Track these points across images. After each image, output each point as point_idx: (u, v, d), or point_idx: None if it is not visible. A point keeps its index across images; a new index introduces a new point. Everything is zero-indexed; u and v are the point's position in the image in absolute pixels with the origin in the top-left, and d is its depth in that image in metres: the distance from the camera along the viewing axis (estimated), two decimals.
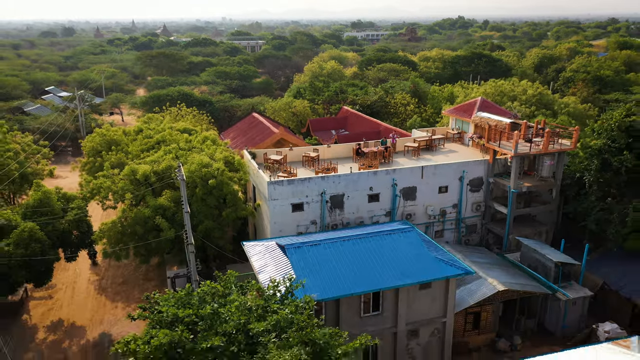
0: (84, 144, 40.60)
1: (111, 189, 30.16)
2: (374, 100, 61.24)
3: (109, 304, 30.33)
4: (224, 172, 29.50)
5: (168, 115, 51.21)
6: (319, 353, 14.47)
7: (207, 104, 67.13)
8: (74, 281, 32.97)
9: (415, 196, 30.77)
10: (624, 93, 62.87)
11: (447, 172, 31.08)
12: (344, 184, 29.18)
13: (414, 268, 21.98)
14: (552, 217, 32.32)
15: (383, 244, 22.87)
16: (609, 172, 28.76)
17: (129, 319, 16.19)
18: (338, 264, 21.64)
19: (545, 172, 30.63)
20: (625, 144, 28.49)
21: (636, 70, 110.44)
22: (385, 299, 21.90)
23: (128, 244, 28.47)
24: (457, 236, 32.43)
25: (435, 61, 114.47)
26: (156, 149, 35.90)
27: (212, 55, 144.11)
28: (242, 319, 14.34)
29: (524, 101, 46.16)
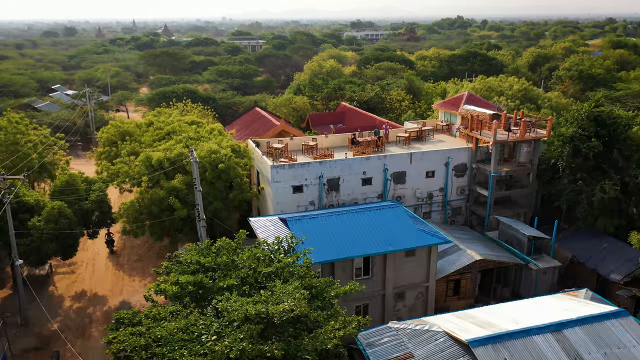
0: (100, 135, 43.87)
1: (128, 173, 33.39)
2: (371, 96, 64.44)
3: (127, 277, 33.55)
4: (231, 157, 32.72)
5: (176, 110, 54.30)
6: (316, 295, 17.68)
7: (211, 101, 70.31)
8: (94, 259, 36.20)
9: (404, 180, 33.99)
10: (608, 90, 65.97)
11: (434, 158, 34.30)
12: (340, 168, 32.40)
13: (400, 238, 25.18)
14: (530, 199, 35.52)
15: (373, 218, 26.10)
16: (579, 157, 31.95)
17: (155, 272, 19.39)
18: (333, 234, 24.84)
19: (523, 158, 33.84)
20: (593, 132, 31.70)
21: (628, 69, 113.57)
22: (374, 264, 25.11)
23: (144, 222, 31.71)
24: (444, 217, 35.63)
25: (432, 60, 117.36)
26: (167, 139, 39.09)
27: (213, 55, 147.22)
28: (253, 265, 17.56)
29: (510, 96, 49.44)
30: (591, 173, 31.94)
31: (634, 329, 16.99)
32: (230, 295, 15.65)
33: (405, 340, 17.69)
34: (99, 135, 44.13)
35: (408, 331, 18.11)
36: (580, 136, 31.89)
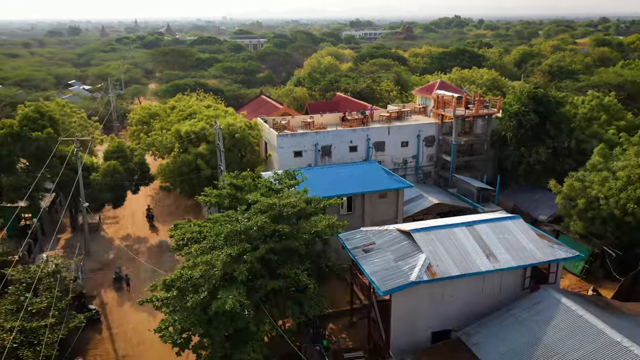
0: (131, 116, 52.77)
1: (162, 142, 42.19)
2: (363, 87, 73.18)
3: (161, 226, 42.28)
4: (245, 130, 41.49)
5: (193, 97, 63.08)
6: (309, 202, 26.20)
7: (219, 92, 79.10)
8: (132, 215, 44.96)
9: (384, 148, 42.74)
10: (573, 81, 74.66)
11: (408, 131, 43.06)
12: (332, 138, 41.15)
13: (374, 184, 33.92)
14: (487, 164, 44.21)
15: (354, 169, 34.89)
16: (522, 129, 40.71)
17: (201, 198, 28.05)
18: (325, 180, 33.52)
19: (479, 130, 42.61)
20: (532, 109, 40.45)
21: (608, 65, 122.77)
22: (356, 203, 33.81)
23: (177, 180, 40.48)
24: (416, 180, 44.33)
25: (423, 57, 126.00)
26: (189, 119, 47.85)
27: (217, 52, 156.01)
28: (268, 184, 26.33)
29: (479, 84, 58.19)
30: (531, 141, 40.70)
31: (521, 225, 25.61)
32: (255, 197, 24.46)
33: (371, 236, 26.28)
34: (130, 116, 52.94)
35: (373, 231, 26.73)
36: (522, 112, 40.65)
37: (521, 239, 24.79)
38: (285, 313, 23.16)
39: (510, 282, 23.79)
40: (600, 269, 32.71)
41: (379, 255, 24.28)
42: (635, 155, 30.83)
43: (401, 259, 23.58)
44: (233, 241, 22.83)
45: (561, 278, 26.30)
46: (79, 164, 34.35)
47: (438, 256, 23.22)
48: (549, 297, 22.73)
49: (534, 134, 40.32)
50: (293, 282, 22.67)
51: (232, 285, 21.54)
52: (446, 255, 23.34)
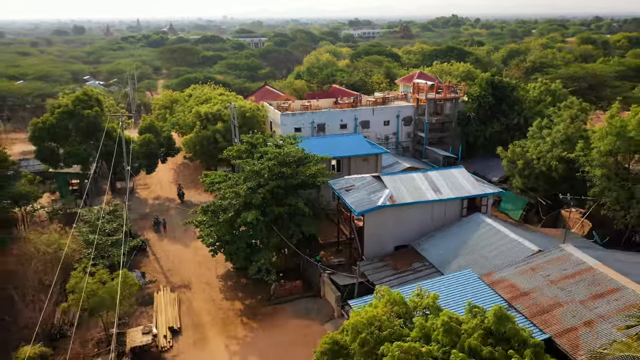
0: (154, 102, 62.01)
1: (185, 121, 51.52)
2: (356, 80, 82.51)
3: (186, 191, 51.54)
4: (254, 110, 50.81)
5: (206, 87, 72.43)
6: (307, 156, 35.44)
7: (227, 85, 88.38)
8: (160, 181, 54.27)
9: (369, 126, 52.02)
10: (542, 74, 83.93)
11: (389, 112, 52.36)
12: (325, 117, 50.43)
13: (359, 149, 43.19)
14: (455, 139, 53.43)
15: (343, 139, 44.19)
16: (481, 109, 49.99)
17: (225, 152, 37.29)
18: (319, 147, 42.68)
19: (447, 111, 51.94)
20: (490, 93, 49.74)
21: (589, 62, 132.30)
22: (343, 164, 43.06)
23: (197, 151, 49.78)
24: (396, 152, 53.59)
25: (415, 54, 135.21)
26: (205, 103, 57.15)
27: (221, 50, 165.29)
28: (274, 142, 35.66)
29: (455, 75, 67.48)
30: (489, 119, 49.99)
31: (463, 172, 34.89)
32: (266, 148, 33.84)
33: (352, 181, 35.50)
34: (153, 102, 62.25)
35: (353, 178, 35.96)
36: (482, 95, 49.96)
37: (461, 181, 34.14)
38: (288, 232, 32.41)
39: (452, 210, 33.10)
40: (535, 216, 41.96)
41: (357, 192, 33.61)
42: (560, 125, 40.06)
43: (372, 193, 32.89)
44: (250, 179, 32.11)
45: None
46: (123, 135, 43.59)
47: (398, 191, 32.55)
48: (478, 219, 32.06)
49: (492, 113, 49.63)
50: (294, 209, 31.96)
51: (251, 209, 30.85)
52: (404, 191, 32.67)
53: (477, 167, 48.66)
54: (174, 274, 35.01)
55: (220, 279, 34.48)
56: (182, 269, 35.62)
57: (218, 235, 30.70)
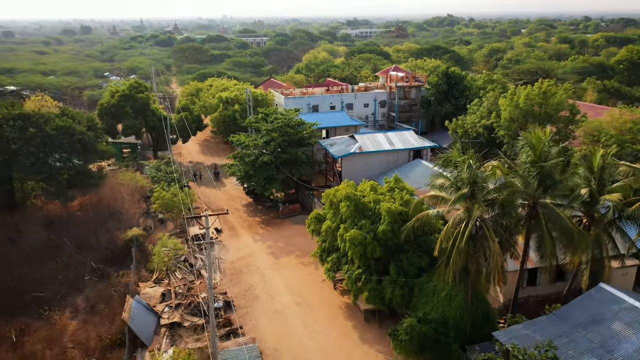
0: (182, 91, 78.67)
1: (210, 104, 68.26)
2: (347, 74, 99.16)
3: (211, 157, 68.11)
4: (264, 95, 67.49)
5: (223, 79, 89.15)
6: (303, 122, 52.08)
7: (236, 79, 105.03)
8: (190, 151, 70.91)
9: (352, 108, 68.63)
10: (504, 69, 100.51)
11: (367, 96, 69.02)
12: (319, 100, 67.07)
13: (342, 122, 59.87)
14: (419, 118, 69.94)
15: (331, 115, 60.93)
16: (438, 94, 66.60)
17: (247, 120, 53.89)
18: (313, 119, 59.38)
19: (413, 96, 68.59)
20: (445, 81, 66.34)
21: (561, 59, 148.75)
22: (330, 133, 59.69)
23: (220, 127, 66.47)
24: (373, 129, 70.14)
25: (404, 52, 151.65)
26: (224, 92, 73.79)
27: (226, 49, 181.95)
28: (280, 112, 52.35)
29: (426, 69, 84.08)
30: (443, 102, 66.53)
31: (412, 133, 51.47)
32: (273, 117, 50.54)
33: (335, 140, 52.07)
34: (181, 91, 78.94)
35: (336, 138, 52.58)
36: (438, 83, 66.57)
37: (409, 138, 50.84)
38: (292, 172, 48.93)
39: (402, 157, 49.73)
40: None
41: (337, 146, 50.27)
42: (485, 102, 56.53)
43: (348, 146, 49.54)
44: (265, 136, 48.70)
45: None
46: (168, 112, 60.17)
47: (365, 144, 49.22)
48: (417, 162, 48.67)
49: (446, 97, 66.23)
50: (295, 157, 48.53)
51: (265, 155, 47.45)
52: (369, 144, 49.34)
53: (434, 137, 65.19)
54: (211, 205, 51.61)
55: (244, 207, 51.09)
56: (216, 202, 52.23)
57: (245, 170, 47.35)
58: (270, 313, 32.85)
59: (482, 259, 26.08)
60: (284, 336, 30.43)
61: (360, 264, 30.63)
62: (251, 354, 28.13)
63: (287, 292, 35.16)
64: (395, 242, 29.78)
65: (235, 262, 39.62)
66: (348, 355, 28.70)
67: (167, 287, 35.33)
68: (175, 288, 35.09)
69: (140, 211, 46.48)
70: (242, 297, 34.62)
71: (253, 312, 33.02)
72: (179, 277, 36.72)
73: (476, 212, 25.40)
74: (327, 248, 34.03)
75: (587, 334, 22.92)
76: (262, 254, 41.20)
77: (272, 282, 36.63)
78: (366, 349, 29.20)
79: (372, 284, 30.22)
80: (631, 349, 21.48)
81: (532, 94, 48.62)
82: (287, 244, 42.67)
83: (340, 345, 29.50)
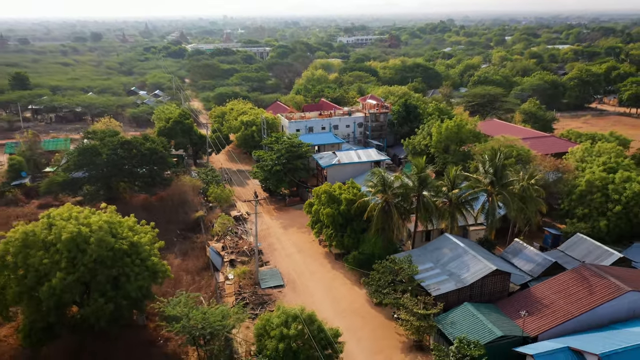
0: (210, 113, 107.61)
1: (235, 125, 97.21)
2: (337, 95, 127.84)
3: (233, 164, 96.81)
4: (273, 119, 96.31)
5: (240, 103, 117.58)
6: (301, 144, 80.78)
7: (248, 98, 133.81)
8: (219, 159, 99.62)
9: (338, 128, 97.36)
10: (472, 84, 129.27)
11: (349, 119, 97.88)
12: (313, 123, 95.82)
13: (329, 141, 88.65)
14: (387, 136, 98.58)
15: (321, 135, 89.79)
16: (399, 119, 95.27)
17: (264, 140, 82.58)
18: (308, 139, 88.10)
19: (382, 119, 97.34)
20: (404, 110, 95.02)
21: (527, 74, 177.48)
22: (321, 149, 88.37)
23: (242, 143, 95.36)
24: (353, 144, 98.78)
25: (390, 69, 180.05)
26: (243, 115, 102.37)
27: (234, 63, 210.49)
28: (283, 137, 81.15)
29: (397, 95, 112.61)
30: (403, 125, 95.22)
31: (373, 150, 79.99)
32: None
33: (323, 155, 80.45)
34: (210, 113, 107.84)
35: (324, 153, 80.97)
36: (399, 111, 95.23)
37: (372, 154, 79.76)
38: (294, 175, 77.50)
39: (366, 167, 78.41)
40: None
41: (324, 159, 79.07)
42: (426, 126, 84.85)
43: (331, 159, 78.31)
44: (276, 153, 77.34)
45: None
46: (207, 133, 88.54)
47: (342, 158, 78.07)
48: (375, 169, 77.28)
49: (405, 121, 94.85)
50: (296, 166, 77.21)
51: (277, 165, 76.14)
52: (345, 158, 78.22)
53: (396, 149, 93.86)
54: (241, 197, 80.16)
55: (263, 199, 79.75)
56: (243, 195, 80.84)
57: (264, 175, 76.02)
58: (284, 256, 61.48)
59: (389, 223, 54.72)
60: (291, 266, 59.08)
61: (332, 228, 59.11)
62: (274, 272, 56.90)
63: (292, 246, 63.83)
64: (350, 215, 58.27)
65: (260, 231, 68.25)
66: (324, 273, 57.34)
67: (224, 243, 64.01)
68: (228, 243, 63.80)
69: (198, 201, 75.13)
70: (267, 248, 63.35)
71: (274, 255, 61.73)
72: (229, 239, 65.41)
73: (385, 199, 54.10)
74: (315, 221, 62.49)
75: (431, 253, 51.58)
76: (276, 226, 69.87)
77: (283, 241, 65.30)
78: (334, 271, 57.83)
79: (338, 238, 58.70)
80: (447, 257, 50.07)
81: (451, 126, 77.20)
82: (292, 220, 71.34)
83: (321, 269, 58.16)
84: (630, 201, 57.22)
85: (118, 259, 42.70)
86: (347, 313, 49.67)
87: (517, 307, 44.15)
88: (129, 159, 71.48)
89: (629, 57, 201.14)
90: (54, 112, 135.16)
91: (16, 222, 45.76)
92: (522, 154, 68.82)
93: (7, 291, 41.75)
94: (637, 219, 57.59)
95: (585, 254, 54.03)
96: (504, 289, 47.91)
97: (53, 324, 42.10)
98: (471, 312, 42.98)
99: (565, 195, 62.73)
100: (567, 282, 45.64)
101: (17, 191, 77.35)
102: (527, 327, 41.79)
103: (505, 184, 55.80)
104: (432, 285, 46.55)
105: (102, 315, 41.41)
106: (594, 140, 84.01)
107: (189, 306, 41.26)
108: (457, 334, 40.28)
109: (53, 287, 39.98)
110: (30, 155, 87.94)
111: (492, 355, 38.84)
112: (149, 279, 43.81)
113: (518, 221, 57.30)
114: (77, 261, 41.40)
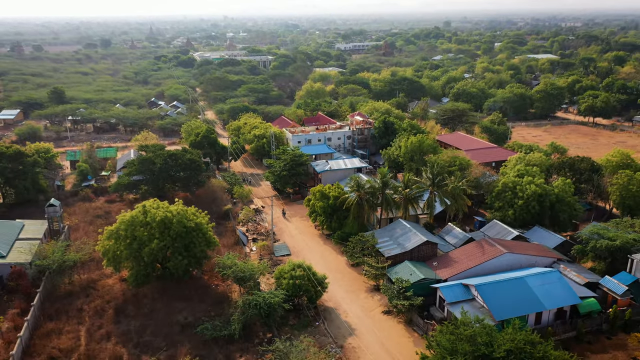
0: (228, 127, 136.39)
1: (249, 138, 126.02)
2: (332, 109, 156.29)
3: (248, 169, 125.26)
4: (279, 133, 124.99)
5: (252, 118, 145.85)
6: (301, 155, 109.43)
7: (256, 111, 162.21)
8: (236, 165, 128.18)
9: (331, 140, 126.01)
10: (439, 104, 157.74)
11: (340, 133, 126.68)
12: (312, 136, 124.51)
13: (323, 151, 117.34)
14: (371, 146, 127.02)
15: (317, 147, 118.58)
16: (379, 133, 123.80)
17: (275, 152, 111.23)
18: (307, 150, 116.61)
19: (366, 133, 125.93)
20: (383, 126, 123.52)
21: (502, 86, 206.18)
22: (317, 157, 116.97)
23: (255, 152, 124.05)
24: (343, 153, 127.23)
25: (381, 82, 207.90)
26: (254, 129, 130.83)
27: (240, 73, 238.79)
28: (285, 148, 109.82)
29: (379, 111, 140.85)
30: (382, 138, 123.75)
31: (356, 159, 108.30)
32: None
33: (318, 162, 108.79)
34: (228, 127, 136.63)
35: (319, 161, 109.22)
36: (379, 127, 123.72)
37: (355, 162, 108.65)
38: (297, 178, 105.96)
39: (351, 172, 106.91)
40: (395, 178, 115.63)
41: (319, 166, 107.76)
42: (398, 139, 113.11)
43: (324, 166, 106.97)
44: (283, 162, 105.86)
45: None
46: (228, 144, 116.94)
47: (332, 165, 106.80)
48: (357, 174, 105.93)
49: (384, 134, 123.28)
50: (298, 171, 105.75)
51: (284, 171, 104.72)
52: (335, 165, 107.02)
53: (377, 158, 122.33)
54: (256, 195, 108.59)
55: (274, 196, 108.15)
56: (258, 193, 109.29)
57: (273, 177, 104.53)
58: (290, 237, 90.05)
59: (362, 212, 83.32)
60: (295, 242, 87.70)
61: (323, 216, 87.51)
62: (283, 246, 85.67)
63: (295, 230, 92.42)
64: (336, 207, 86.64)
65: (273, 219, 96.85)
66: (318, 246, 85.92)
67: (247, 227, 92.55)
68: (250, 227, 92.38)
69: (225, 197, 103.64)
70: (278, 230, 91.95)
71: (282, 235, 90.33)
72: (250, 224, 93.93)
73: (359, 195, 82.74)
74: (312, 212, 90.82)
75: (388, 232, 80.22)
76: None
77: (289, 226, 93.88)
78: (325, 245, 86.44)
79: (327, 223, 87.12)
80: (398, 234, 78.66)
81: (414, 141, 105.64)
82: (295, 212, 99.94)
83: (315, 244, 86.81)
84: (529, 197, 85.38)
85: (188, 233, 71.02)
86: (332, 271, 78.10)
87: (438, 263, 72.65)
88: (175, 167, 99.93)
89: (597, 69, 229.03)
90: (92, 122, 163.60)
91: (122, 211, 74.39)
92: (463, 163, 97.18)
93: (122, 253, 70.07)
94: (535, 210, 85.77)
95: (496, 233, 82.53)
96: (433, 254, 76.29)
97: (149, 273, 70.50)
98: (408, 266, 71.39)
99: (488, 193, 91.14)
100: (471, 248, 74.14)
101: (88, 190, 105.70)
102: (441, 273, 70.18)
103: (441, 185, 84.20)
104: (386, 250, 75.08)
105: (180, 267, 69.73)
106: (532, 150, 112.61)
107: (233, 261, 69.71)
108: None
109: (151, 249, 68.32)
110: (90, 162, 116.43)
111: (418, 289, 67.12)
112: (206, 246, 72.17)
113: (451, 211, 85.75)
114: (164, 234, 69.73)
